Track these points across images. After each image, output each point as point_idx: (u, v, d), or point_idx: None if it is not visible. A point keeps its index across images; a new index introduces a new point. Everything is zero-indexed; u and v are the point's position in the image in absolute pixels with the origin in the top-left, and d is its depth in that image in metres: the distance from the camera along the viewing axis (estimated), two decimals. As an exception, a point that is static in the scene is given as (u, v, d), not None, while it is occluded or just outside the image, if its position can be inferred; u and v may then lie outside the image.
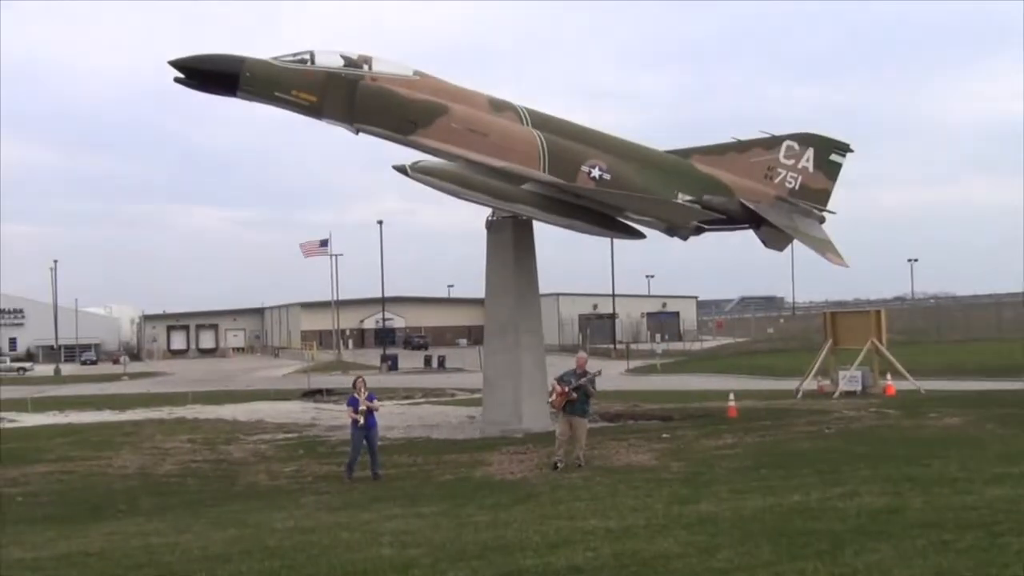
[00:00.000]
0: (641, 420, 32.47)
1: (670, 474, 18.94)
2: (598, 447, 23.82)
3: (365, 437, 21.87)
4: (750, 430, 26.40)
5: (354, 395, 22.13)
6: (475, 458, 24.26)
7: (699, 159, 31.73)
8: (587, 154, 29.76)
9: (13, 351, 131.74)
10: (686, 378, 61.62)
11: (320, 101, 27.57)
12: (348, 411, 22.24)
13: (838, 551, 10.32)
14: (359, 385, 22.17)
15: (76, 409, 45.55)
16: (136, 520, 17.34)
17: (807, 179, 31.95)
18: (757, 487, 15.78)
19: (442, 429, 32.66)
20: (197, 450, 28.73)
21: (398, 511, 15.87)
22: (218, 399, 49.67)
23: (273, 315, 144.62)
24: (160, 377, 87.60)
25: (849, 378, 39.18)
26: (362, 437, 21.84)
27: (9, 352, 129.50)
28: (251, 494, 20.88)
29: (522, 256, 31.92)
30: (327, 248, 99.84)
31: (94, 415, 42.09)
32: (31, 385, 71.78)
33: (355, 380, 22.70)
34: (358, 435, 21.87)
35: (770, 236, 31.68)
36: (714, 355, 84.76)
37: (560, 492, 16.99)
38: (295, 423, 36.18)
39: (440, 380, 64.75)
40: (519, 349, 31.33)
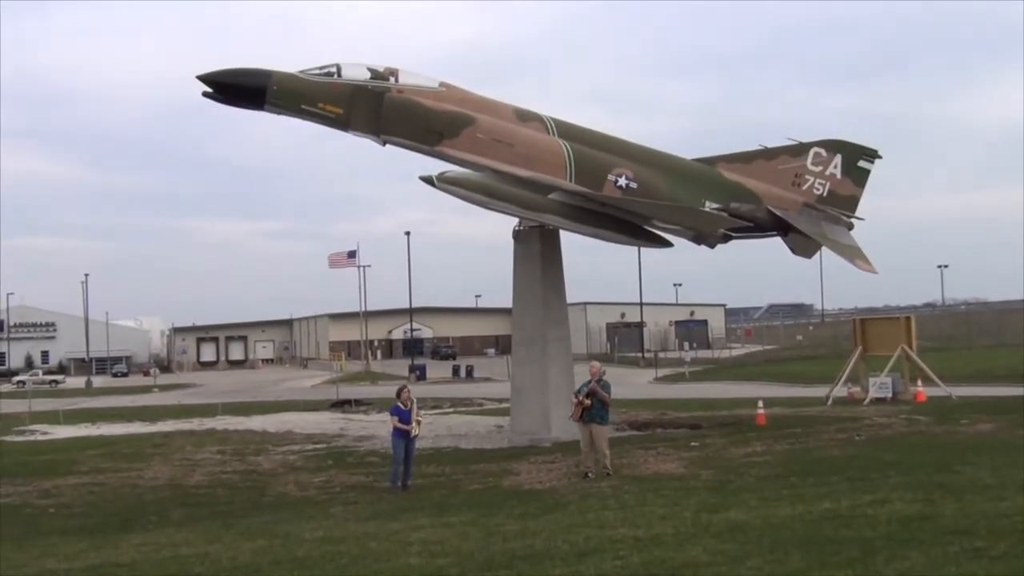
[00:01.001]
0: (669, 428, 32.35)
1: (699, 482, 18.87)
2: (626, 456, 23.76)
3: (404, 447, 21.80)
4: (779, 438, 26.26)
5: (398, 404, 21.97)
6: (503, 467, 24.24)
7: (726, 167, 31.63)
8: (613, 163, 29.74)
9: (45, 364, 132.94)
10: (715, 386, 61.38)
11: (347, 113, 27.68)
12: (392, 420, 21.97)
13: (869, 559, 10.24)
14: (405, 396, 22.03)
15: (107, 421, 45.90)
16: (166, 531, 17.44)
17: (835, 185, 31.79)
18: (787, 495, 15.68)
19: (470, 439, 32.68)
20: (227, 461, 28.86)
21: (426, 521, 15.88)
22: (247, 410, 49.89)
23: (302, 326, 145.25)
24: (190, 389, 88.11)
25: (879, 385, 38.95)
26: (403, 447, 21.76)
27: (41, 365, 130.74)
28: (280, 504, 20.96)
29: (549, 265, 31.92)
30: (355, 259, 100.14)
31: (125, 427, 42.39)
32: (63, 397, 72.35)
33: (400, 390, 22.52)
34: (400, 445, 21.74)
35: (798, 243, 31.53)
36: (743, 363, 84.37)
37: (589, 501, 16.96)
38: (324, 433, 36.30)
39: (468, 390, 64.79)
40: (547, 358, 31.31)
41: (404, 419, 21.74)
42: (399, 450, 21.75)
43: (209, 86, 26.52)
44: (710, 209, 30.25)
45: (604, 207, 29.57)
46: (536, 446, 28.86)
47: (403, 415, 21.77)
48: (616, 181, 29.50)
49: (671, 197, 29.82)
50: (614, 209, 29.61)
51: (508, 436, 32.00)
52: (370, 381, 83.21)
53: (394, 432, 21.93)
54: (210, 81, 26.49)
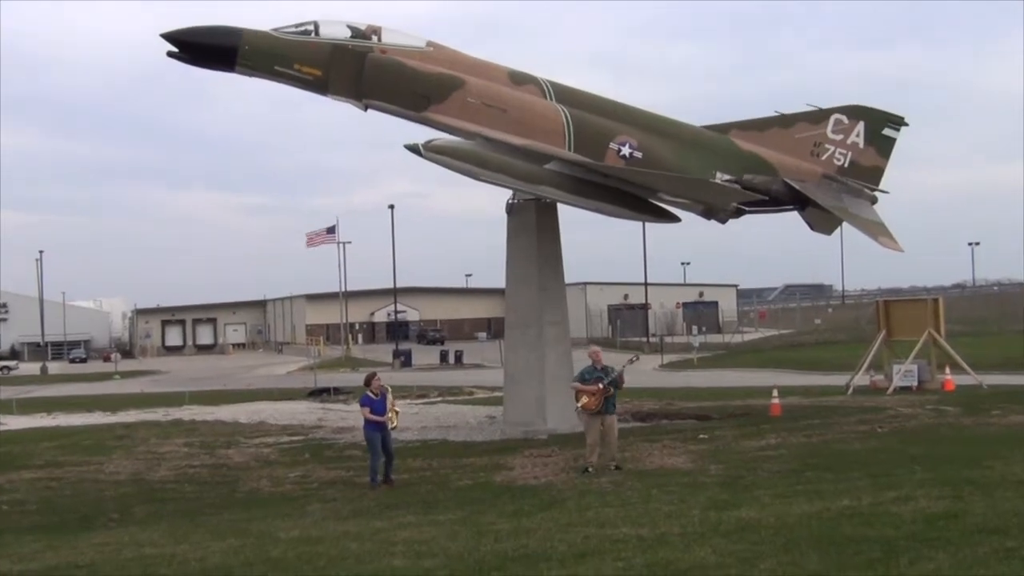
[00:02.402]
0: (676, 420, 32.47)
1: (708, 478, 18.93)
2: (629, 449, 23.82)
3: (382, 441, 21.75)
4: (795, 430, 26.34)
5: (368, 394, 21.93)
6: (495, 461, 24.30)
7: (739, 135, 31.61)
8: (616, 130, 29.70)
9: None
10: (725, 373, 61.51)
11: (325, 76, 27.60)
12: (363, 412, 21.91)
13: (892, 560, 10.29)
14: (376, 384, 21.96)
15: (65, 411, 45.88)
16: (129, 530, 17.45)
17: (857, 156, 31.79)
18: (803, 491, 15.74)
19: (459, 430, 32.75)
20: (194, 454, 28.90)
21: (412, 519, 15.91)
22: (217, 399, 49.91)
23: (276, 308, 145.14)
24: (154, 376, 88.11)
25: (904, 372, 39.03)
26: (379, 440, 21.73)
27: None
28: (253, 501, 20.99)
29: (546, 242, 31.91)
30: (334, 235, 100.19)
31: (84, 417, 42.38)
32: (16, 385, 72.36)
33: (369, 377, 22.44)
34: (375, 438, 21.69)
35: (817, 218, 31.55)
36: (756, 348, 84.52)
37: (588, 498, 17.00)
38: (300, 424, 36.35)
39: (457, 377, 64.85)
40: (543, 343, 31.35)
41: (377, 410, 21.67)
42: (376, 444, 21.67)
43: (175, 45, 26.40)
44: (721, 181, 30.24)
45: (606, 178, 29.55)
46: (531, 438, 28.93)
47: (375, 405, 21.67)
48: (619, 150, 29.46)
49: (679, 168, 29.80)
50: (617, 180, 29.59)
51: (501, 427, 32.07)
52: (350, 368, 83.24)
53: (367, 425, 21.84)
54: (175, 40, 26.36)
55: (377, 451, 21.68)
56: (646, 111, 31.48)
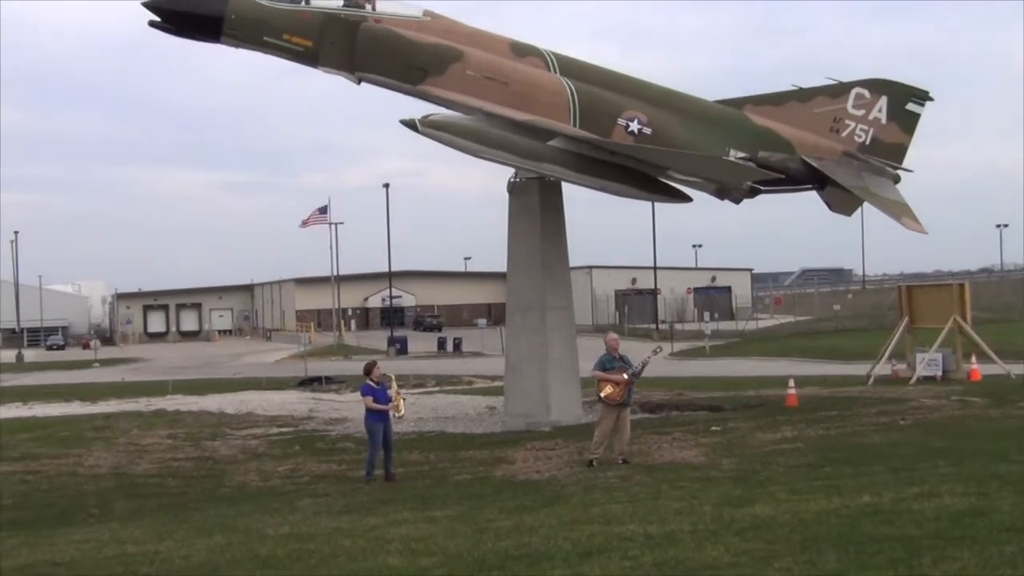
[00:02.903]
0: (687, 411, 32.48)
1: (720, 472, 18.94)
2: (638, 442, 23.82)
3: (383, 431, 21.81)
4: (813, 421, 26.36)
5: (368, 383, 21.97)
6: (496, 455, 24.34)
7: (754, 110, 31.55)
8: (624, 105, 29.65)
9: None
10: (739, 362, 61.55)
11: (316, 47, 27.55)
12: (365, 401, 21.90)
13: (914, 559, 10.29)
14: (377, 373, 22.01)
15: (41, 400, 45.97)
16: (110, 526, 17.49)
17: (880, 132, 31.73)
18: (820, 487, 15.75)
19: (458, 422, 32.81)
20: (178, 447, 28.96)
21: (408, 515, 15.94)
22: (202, 388, 50.00)
23: (264, 292, 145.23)
24: (136, 364, 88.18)
25: (928, 361, 39.00)
26: (382, 432, 21.75)
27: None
28: (240, 496, 21.03)
29: (549, 223, 31.88)
30: (326, 215, 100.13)
31: (62, 407, 42.48)
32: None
33: (369, 365, 22.47)
34: (377, 429, 21.72)
35: (836, 198, 31.51)
36: (771, 336, 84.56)
37: (594, 493, 17.02)
38: (290, 415, 36.41)
39: (456, 366, 64.92)
40: (546, 330, 31.35)
41: (380, 399, 21.74)
42: (377, 435, 21.70)
43: (157, 14, 26.35)
44: (735, 158, 30.20)
45: (613, 156, 29.50)
46: (534, 430, 28.95)
47: (378, 394, 21.76)
48: (627, 126, 29.42)
49: (690, 144, 29.76)
50: (624, 158, 29.54)
51: (502, 419, 32.10)
52: (343, 356, 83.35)
53: (369, 415, 21.87)
54: (158, 8, 26.31)
55: (377, 443, 21.70)
56: (655, 84, 31.41)
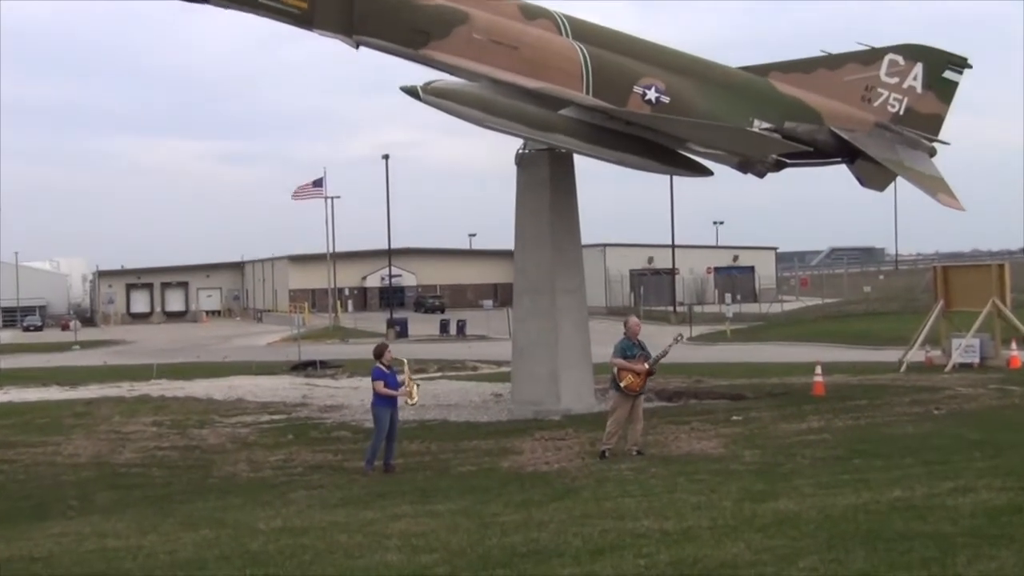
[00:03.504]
0: (706, 399, 32.46)
1: (741, 465, 18.96)
2: (653, 432, 23.85)
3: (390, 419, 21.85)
4: (841, 411, 26.36)
5: (379, 366, 21.92)
6: (502, 445, 24.39)
7: (780, 77, 31.47)
8: (641, 72, 29.58)
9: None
10: (762, 347, 61.49)
11: (311, 8, 27.47)
12: (376, 385, 21.83)
13: (948, 558, 10.30)
14: (389, 357, 22.00)
15: (17, 385, 46.02)
16: (90, 519, 17.55)
17: (914, 101, 31.63)
18: (849, 481, 15.77)
19: (462, 410, 32.82)
20: (164, 435, 29.00)
21: (408, 509, 15.97)
22: (189, 373, 50.06)
23: (255, 271, 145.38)
24: (118, 346, 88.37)
25: (965, 347, 38.97)
26: (389, 418, 21.77)
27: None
28: (229, 488, 21.07)
29: (560, 198, 31.85)
30: (321, 189, 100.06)
31: (39, 392, 42.54)
32: (-37, 356, 72.52)
33: (380, 347, 22.46)
34: (385, 416, 21.74)
35: (868, 172, 31.45)
36: (797, 319, 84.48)
37: (606, 486, 17.05)
38: (282, 402, 36.43)
39: (459, 350, 64.96)
40: (556, 312, 31.34)
41: (390, 384, 21.77)
42: (384, 422, 21.73)
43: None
44: (759, 129, 30.13)
45: (629, 126, 29.45)
46: (542, 419, 28.97)
47: (388, 379, 21.79)
48: (644, 94, 29.36)
49: (711, 114, 29.69)
50: (641, 128, 29.49)
51: (508, 407, 32.12)
52: (339, 338, 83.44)
53: (377, 401, 21.88)
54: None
55: (384, 430, 21.72)
56: (675, 50, 31.34)
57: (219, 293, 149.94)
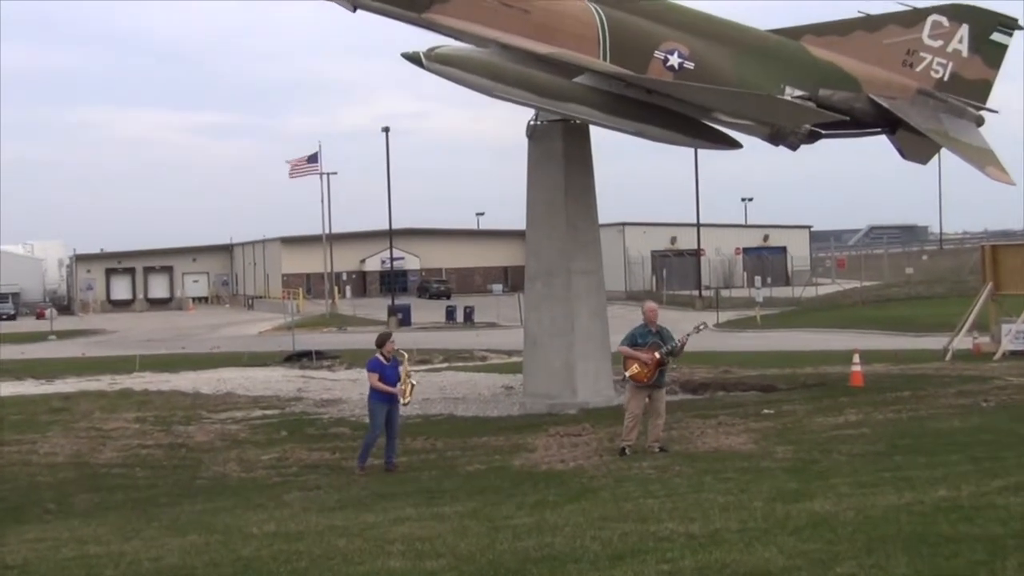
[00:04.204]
0: (735, 391, 32.51)
1: (773, 462, 18.96)
2: (677, 426, 23.85)
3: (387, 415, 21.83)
4: (881, 404, 26.35)
5: (378, 357, 21.90)
6: (513, 441, 24.43)
7: (814, 41, 31.37)
8: (662, 35, 29.52)
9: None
10: (795, 334, 61.47)
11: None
12: (371, 378, 21.89)
13: (998, 562, 10.29)
14: (389, 348, 21.95)
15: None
16: (69, 523, 17.59)
17: (960, 66, 31.51)
18: (889, 479, 15.76)
19: (469, 404, 32.88)
20: (147, 432, 29.05)
21: (411, 511, 16.00)
22: (174, 364, 50.17)
23: (245, 254, 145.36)
24: (98, 336, 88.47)
25: (1015, 334, 38.93)
26: (385, 414, 21.79)
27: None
28: (218, 489, 21.13)
29: (575, 173, 31.82)
30: (316, 164, 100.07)
31: (13, 386, 42.58)
32: (-70, 347, 72.72)
33: (383, 336, 22.49)
34: (381, 412, 21.78)
35: (909, 144, 31.37)
36: (833, 303, 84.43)
37: (627, 486, 17.06)
38: (275, 396, 36.52)
39: (467, 339, 65.00)
40: (572, 297, 31.34)
41: (388, 378, 21.75)
42: (379, 418, 21.77)
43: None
44: (791, 97, 30.07)
45: (649, 94, 29.42)
46: (557, 414, 29.01)
47: (387, 372, 21.77)
48: (666, 60, 29.30)
49: (740, 81, 29.63)
50: (663, 97, 29.45)
51: (520, 400, 32.16)
52: (337, 327, 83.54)
53: (373, 395, 21.93)
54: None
55: (379, 427, 21.77)
56: (699, 11, 31.27)
57: (206, 278, 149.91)
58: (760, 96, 29.67)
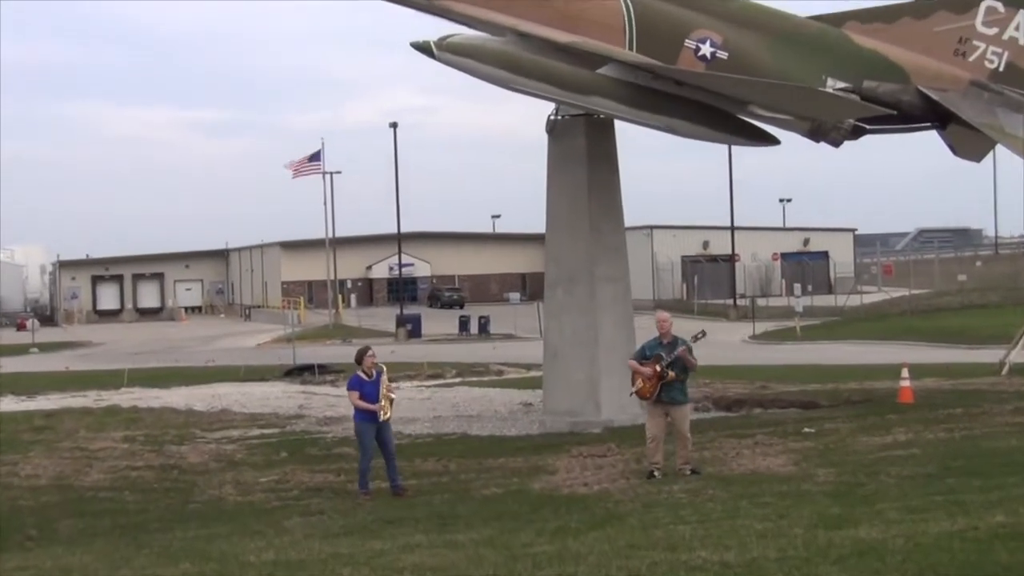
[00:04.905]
0: (772, 408, 32.47)
1: (815, 485, 18.95)
2: (710, 446, 23.84)
3: (377, 435, 21.92)
4: (932, 422, 26.28)
5: (358, 374, 22.13)
6: (533, 463, 24.43)
7: (858, 28, 31.34)
8: (693, 22, 29.53)
9: None
10: (838, 347, 61.37)
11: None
12: (351, 396, 22.16)
13: (1060, 595, 10.29)
14: (369, 363, 22.13)
15: (-34, 395, 46.26)
16: (52, 551, 17.62)
17: (1016, 56, 31.46)
18: (942, 503, 15.73)
19: (485, 422, 32.87)
20: (136, 452, 29.12)
21: (422, 539, 16.01)
22: (165, 379, 50.22)
23: (243, 260, 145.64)
24: (83, 349, 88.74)
25: (1078, 346, 38.82)
26: (374, 435, 21.88)
27: None
28: (213, 514, 21.17)
29: (599, 172, 31.83)
30: (318, 163, 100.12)
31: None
32: (-97, 361, 72.97)
33: (361, 353, 22.59)
34: (368, 433, 21.88)
35: (962, 139, 31.33)
36: (880, 313, 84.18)
37: (656, 512, 17.06)
38: (275, 413, 36.57)
39: (482, 351, 64.97)
40: (595, 307, 31.32)
41: (369, 395, 21.80)
42: (368, 439, 21.90)
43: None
44: (834, 89, 30.05)
45: (679, 86, 29.42)
46: (580, 432, 29.02)
47: (367, 390, 21.84)
48: (697, 49, 29.30)
49: (778, 72, 29.62)
50: (694, 89, 29.46)
51: (540, 418, 32.16)
52: (341, 338, 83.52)
53: (357, 415, 22.11)
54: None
55: (369, 449, 21.90)
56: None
57: (200, 286, 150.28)
58: (800, 88, 29.64)
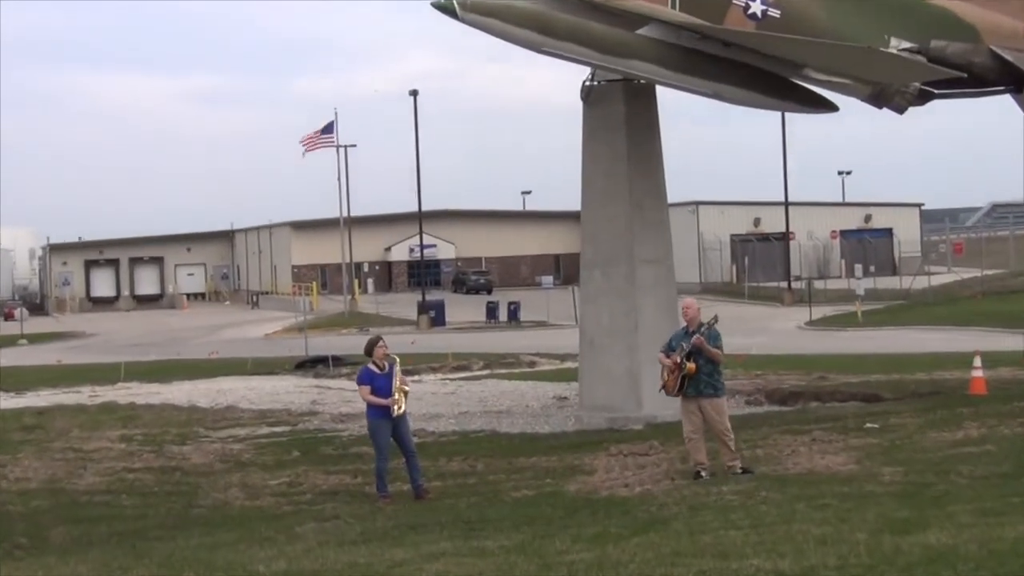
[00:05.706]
0: (831, 402, 32.39)
1: (879, 486, 18.90)
2: (763, 444, 23.80)
3: (394, 433, 21.96)
4: (1008, 415, 26.17)
5: (369, 366, 22.11)
6: (568, 462, 24.42)
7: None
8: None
9: None
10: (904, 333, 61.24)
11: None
12: (362, 391, 22.17)
13: None
14: (380, 353, 22.11)
15: (-51, 391, 46.50)
16: (44, 561, 17.67)
17: (1100, 11, 31.32)
18: (1018, 505, 15.68)
19: (516, 418, 32.87)
20: (135, 453, 29.20)
21: (447, 546, 16.01)
22: (166, 373, 50.43)
23: (249, 242, 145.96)
24: (76, 340, 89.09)
25: None
26: (389, 432, 21.89)
27: None
28: (219, 520, 21.21)
29: (640, 143, 31.77)
30: (332, 136, 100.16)
31: (-24, 400, 42.96)
32: None
33: (371, 344, 22.53)
34: (383, 430, 21.85)
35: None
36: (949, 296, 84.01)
37: (703, 515, 17.04)
38: (285, 410, 36.61)
39: (512, 340, 65.06)
40: (636, 290, 31.27)
41: (382, 389, 21.75)
42: (382, 438, 21.84)
43: None
44: (897, 50, 29.93)
45: (727, 48, 29.36)
46: (619, 429, 29.01)
47: (379, 383, 21.80)
48: (747, 7, 29.21)
49: (835, 31, 29.51)
50: (743, 51, 29.39)
51: (575, 413, 32.15)
52: (357, 327, 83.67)
53: (370, 411, 22.04)
54: None
55: (384, 448, 21.85)
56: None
57: (203, 271, 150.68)
58: (860, 49, 29.51)
